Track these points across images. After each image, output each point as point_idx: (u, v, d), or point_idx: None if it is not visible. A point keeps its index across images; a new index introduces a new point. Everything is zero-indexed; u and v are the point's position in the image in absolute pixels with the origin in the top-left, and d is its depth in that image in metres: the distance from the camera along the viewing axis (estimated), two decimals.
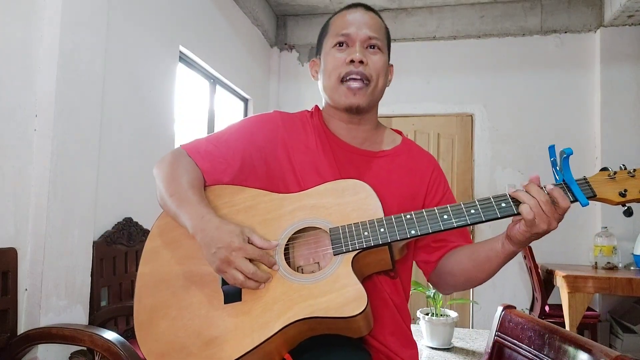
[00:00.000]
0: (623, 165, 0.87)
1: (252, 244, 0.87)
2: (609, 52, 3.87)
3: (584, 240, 3.84)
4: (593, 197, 0.85)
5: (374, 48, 1.04)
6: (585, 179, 0.87)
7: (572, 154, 0.84)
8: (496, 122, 4.16)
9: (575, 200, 0.84)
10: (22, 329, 1.68)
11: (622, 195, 0.84)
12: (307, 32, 4.54)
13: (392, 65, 1.13)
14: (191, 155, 1.02)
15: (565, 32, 4.06)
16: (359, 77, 1.01)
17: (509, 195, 0.86)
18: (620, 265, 3.36)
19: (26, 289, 1.72)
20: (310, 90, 4.44)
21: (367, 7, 1.09)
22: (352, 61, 1.01)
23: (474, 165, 4.19)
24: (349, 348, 0.90)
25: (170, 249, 0.96)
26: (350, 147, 1.07)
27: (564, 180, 0.86)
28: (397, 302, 1.02)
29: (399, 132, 1.16)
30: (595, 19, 3.97)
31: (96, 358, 1.77)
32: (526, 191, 0.84)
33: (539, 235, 0.85)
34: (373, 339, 0.98)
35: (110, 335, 1.52)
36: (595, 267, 3.38)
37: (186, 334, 0.86)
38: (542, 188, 0.84)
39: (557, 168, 0.88)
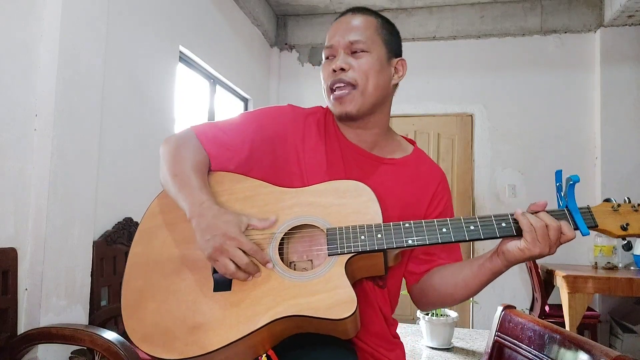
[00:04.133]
0: (627, 198, 0.87)
1: (251, 226, 0.88)
2: (609, 52, 3.87)
3: (584, 240, 3.82)
4: (594, 227, 0.84)
5: (356, 52, 1.01)
6: (588, 208, 0.86)
7: (578, 181, 0.83)
8: (496, 122, 4.16)
9: (577, 228, 0.83)
10: (22, 328, 1.68)
11: (624, 228, 0.84)
12: (307, 32, 4.54)
13: (402, 59, 1.07)
14: (199, 138, 1.01)
15: (565, 32, 4.06)
16: (342, 84, 1.00)
17: (511, 216, 0.86)
18: (620, 266, 3.35)
19: (26, 289, 1.72)
20: (310, 90, 4.44)
21: (356, 10, 1.05)
22: (334, 71, 1.01)
23: (474, 166, 4.18)
24: (334, 346, 0.90)
25: (166, 231, 0.95)
26: (360, 149, 1.06)
27: (567, 207, 0.85)
28: (384, 310, 1.02)
29: (412, 142, 1.14)
30: (595, 19, 3.97)
31: (96, 358, 1.77)
32: (535, 215, 0.83)
33: (532, 258, 0.85)
34: (358, 340, 0.97)
35: (110, 335, 1.52)
36: (595, 267, 3.38)
37: (172, 317, 0.86)
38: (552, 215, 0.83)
39: (562, 194, 0.87)
